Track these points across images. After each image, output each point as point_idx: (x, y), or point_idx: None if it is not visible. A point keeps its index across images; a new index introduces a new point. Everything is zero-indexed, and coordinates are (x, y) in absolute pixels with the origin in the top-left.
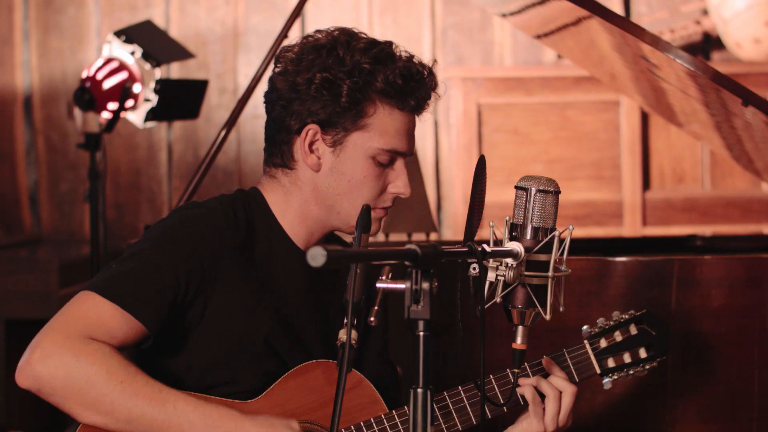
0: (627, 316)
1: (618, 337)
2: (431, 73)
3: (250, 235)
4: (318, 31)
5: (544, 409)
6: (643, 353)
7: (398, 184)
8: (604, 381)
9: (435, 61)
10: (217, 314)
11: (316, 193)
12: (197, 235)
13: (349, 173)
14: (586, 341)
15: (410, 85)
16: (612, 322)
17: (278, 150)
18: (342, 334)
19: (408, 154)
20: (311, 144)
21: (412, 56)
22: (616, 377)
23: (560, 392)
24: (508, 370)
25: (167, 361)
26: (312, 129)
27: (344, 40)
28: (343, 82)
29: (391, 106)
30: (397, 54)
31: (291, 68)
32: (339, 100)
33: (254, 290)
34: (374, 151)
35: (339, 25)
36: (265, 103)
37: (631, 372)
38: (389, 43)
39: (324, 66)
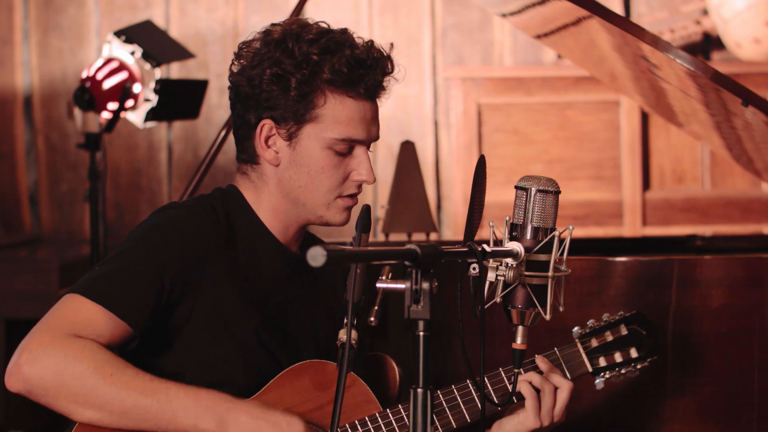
0: (617, 317)
1: (609, 337)
2: (384, 57)
3: (232, 231)
4: (274, 24)
5: (540, 404)
6: (634, 353)
7: (361, 171)
8: (596, 381)
9: (392, 44)
10: (206, 313)
11: (281, 187)
12: (180, 235)
13: (306, 165)
14: (577, 340)
15: (358, 72)
16: (602, 323)
17: (243, 146)
18: (342, 334)
19: (366, 142)
20: (267, 139)
21: (368, 42)
22: (608, 376)
23: (556, 387)
24: (500, 369)
25: (159, 363)
26: (267, 124)
27: (295, 32)
28: (293, 75)
29: (341, 94)
30: (349, 41)
31: (246, 63)
32: (288, 94)
33: (240, 286)
34: (329, 141)
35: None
36: (229, 100)
37: (623, 371)
38: (343, 31)
39: (273, 60)
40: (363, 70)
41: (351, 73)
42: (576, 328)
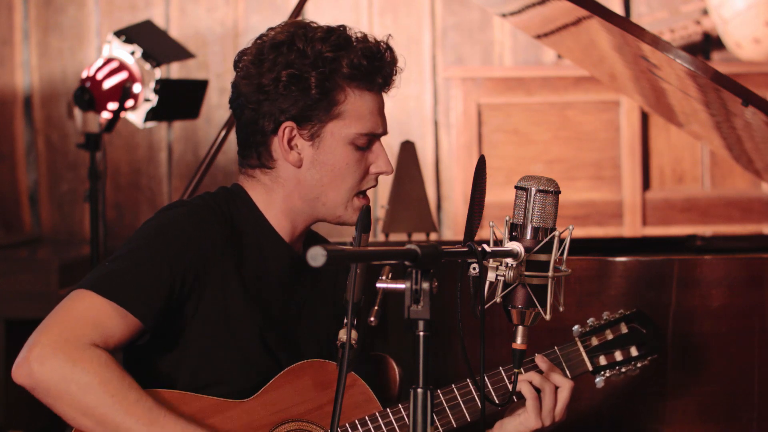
0: (617, 315)
1: (609, 335)
2: (389, 48)
3: (236, 229)
4: (271, 29)
5: (541, 404)
6: (634, 351)
7: (379, 164)
8: (596, 380)
9: (389, 35)
10: (209, 311)
11: (300, 188)
12: (187, 233)
13: (330, 163)
14: (577, 339)
15: (375, 64)
16: (602, 321)
17: (254, 152)
18: (342, 334)
19: (382, 135)
20: (290, 141)
21: (365, 35)
22: (608, 375)
23: (557, 387)
24: (501, 368)
25: (159, 360)
26: (288, 126)
27: (301, 33)
28: (310, 74)
29: (360, 89)
30: (353, 36)
31: (253, 71)
32: (309, 93)
33: (244, 285)
34: (352, 136)
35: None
36: (231, 109)
37: (624, 370)
38: (343, 27)
39: (287, 62)
40: (378, 62)
41: (369, 65)
42: (576, 327)
